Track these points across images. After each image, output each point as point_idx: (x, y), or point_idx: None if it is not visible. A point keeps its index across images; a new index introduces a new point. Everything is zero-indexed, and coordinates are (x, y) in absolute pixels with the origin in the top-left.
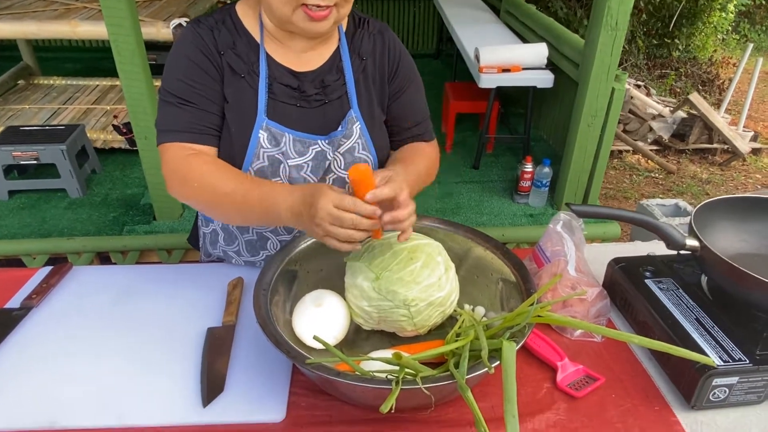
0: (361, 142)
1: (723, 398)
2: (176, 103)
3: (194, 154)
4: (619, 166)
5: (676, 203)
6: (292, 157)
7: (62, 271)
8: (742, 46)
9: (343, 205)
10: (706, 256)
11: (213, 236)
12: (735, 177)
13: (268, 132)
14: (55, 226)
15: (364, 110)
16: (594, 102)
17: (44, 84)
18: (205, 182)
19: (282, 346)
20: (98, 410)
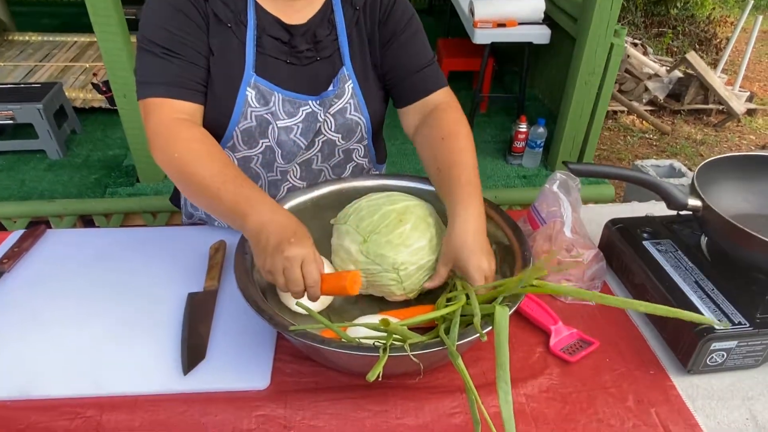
0: (353, 103)
1: (720, 362)
2: (159, 53)
3: (184, 121)
4: (614, 127)
5: (671, 164)
6: (282, 118)
7: (36, 234)
8: (740, 4)
9: (307, 272)
10: (707, 216)
11: None
12: (729, 138)
13: (257, 90)
14: (34, 189)
15: (357, 68)
16: (592, 58)
17: (19, 40)
18: (186, 157)
19: (264, 312)
20: (73, 378)
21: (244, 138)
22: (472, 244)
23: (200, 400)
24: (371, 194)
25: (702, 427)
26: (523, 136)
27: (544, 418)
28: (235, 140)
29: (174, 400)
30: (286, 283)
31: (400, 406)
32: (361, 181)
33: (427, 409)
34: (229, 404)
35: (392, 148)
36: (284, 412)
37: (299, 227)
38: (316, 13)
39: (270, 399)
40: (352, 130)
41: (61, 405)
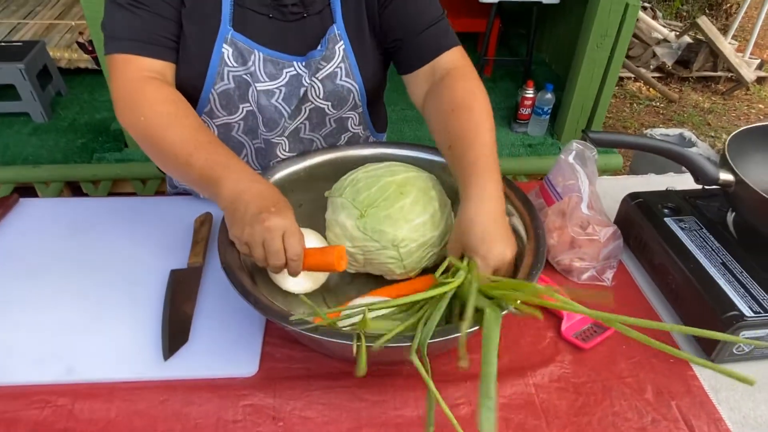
0: (344, 67)
1: (748, 351)
2: (125, 4)
3: (153, 79)
4: (620, 94)
5: (681, 133)
6: (262, 80)
7: (7, 203)
8: None
9: (288, 245)
10: (740, 191)
11: None
12: (737, 107)
13: (234, 47)
14: (19, 153)
15: (350, 27)
16: (605, 19)
17: None
18: (154, 121)
19: (250, 295)
20: (44, 364)
21: (222, 102)
22: (483, 231)
23: (182, 387)
24: (369, 164)
25: (726, 421)
26: (529, 102)
27: (555, 410)
28: (213, 105)
29: (154, 388)
30: (265, 256)
31: (398, 396)
32: (359, 149)
33: None
34: (213, 392)
35: (392, 115)
36: (273, 401)
37: (280, 197)
38: None
39: (258, 387)
40: (343, 98)
41: (30, 392)
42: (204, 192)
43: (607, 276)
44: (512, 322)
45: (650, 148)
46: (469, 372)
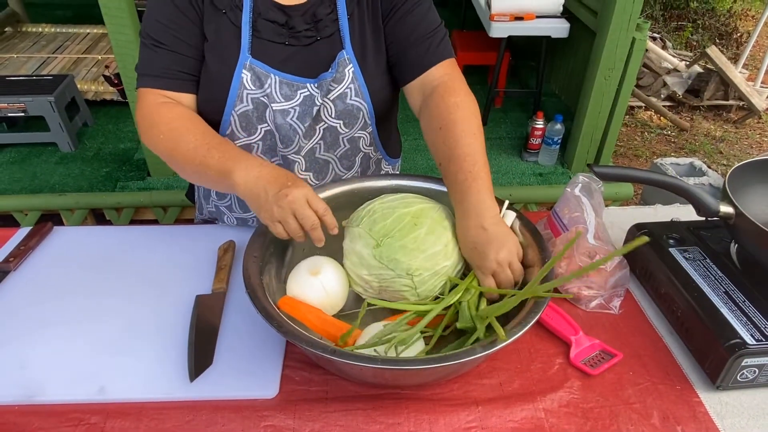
0: (354, 87)
1: (752, 378)
2: (151, 45)
3: (168, 103)
4: (630, 123)
5: (691, 162)
6: (278, 100)
7: (42, 231)
8: None
9: (315, 206)
10: (741, 224)
11: (207, 190)
12: (750, 135)
13: (252, 72)
14: (46, 182)
15: (357, 50)
16: (612, 53)
17: (32, 32)
18: (170, 135)
19: (273, 319)
20: (78, 384)
21: (242, 123)
22: (473, 245)
23: (207, 408)
24: (385, 196)
25: None
26: (539, 132)
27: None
28: (233, 126)
29: (180, 408)
30: (299, 223)
31: (413, 419)
32: (375, 181)
33: (442, 423)
34: (236, 413)
35: (406, 144)
36: (293, 423)
37: (290, 173)
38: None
39: (278, 409)
40: (353, 116)
41: (65, 411)
42: (222, 187)
43: (614, 304)
44: (522, 349)
45: (652, 181)
46: (480, 397)
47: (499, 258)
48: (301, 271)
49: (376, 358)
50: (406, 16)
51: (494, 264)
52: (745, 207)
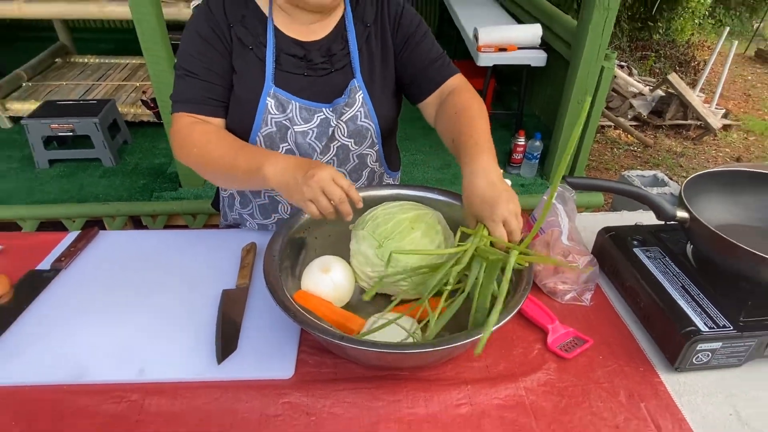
0: (364, 111)
1: (706, 361)
2: (184, 76)
3: (199, 122)
4: (601, 140)
5: (654, 174)
6: (299, 123)
7: (89, 235)
8: (717, 30)
9: (340, 182)
10: (694, 227)
11: (230, 200)
12: (706, 151)
13: (276, 99)
14: (91, 192)
15: (366, 78)
16: (584, 80)
17: (79, 62)
18: (202, 147)
19: (290, 310)
20: (121, 365)
21: (266, 143)
22: (483, 197)
23: (232, 387)
24: (386, 203)
25: (688, 422)
26: (521, 148)
27: (543, 411)
28: (259, 145)
29: (209, 387)
30: (329, 199)
31: (411, 397)
32: (377, 191)
33: (436, 400)
34: (257, 391)
35: (404, 159)
36: (307, 399)
37: (314, 160)
38: (332, 30)
39: (294, 388)
40: (363, 135)
41: (109, 389)
42: (254, 183)
43: (586, 297)
44: (506, 336)
45: (618, 190)
46: (469, 378)
47: (509, 207)
48: (313, 269)
49: (379, 344)
50: (418, 46)
51: (506, 212)
52: (698, 213)
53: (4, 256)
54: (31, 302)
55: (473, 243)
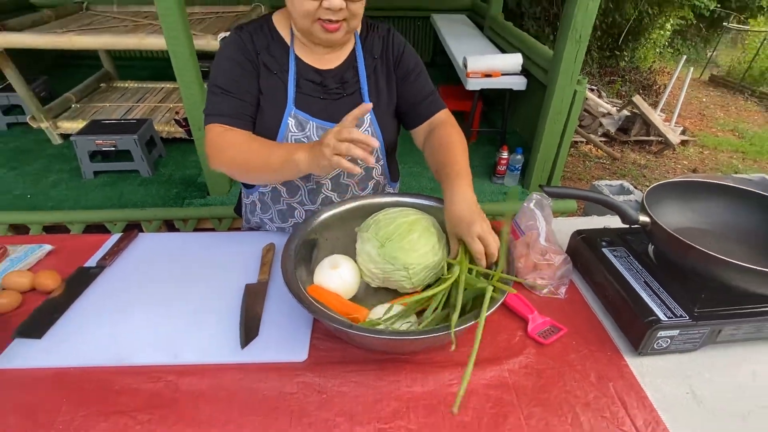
0: (371, 130)
1: (665, 347)
2: (219, 93)
3: (229, 129)
4: (575, 154)
5: (621, 184)
6: (315, 140)
7: (130, 237)
8: (675, 58)
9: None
10: (654, 230)
11: (252, 206)
12: (667, 163)
13: (296, 119)
14: (130, 199)
15: (373, 101)
16: (559, 102)
17: (121, 87)
18: (238, 146)
19: (303, 301)
20: (157, 350)
21: None
22: (460, 218)
23: (254, 369)
24: (387, 209)
25: (650, 399)
26: (504, 161)
27: (524, 389)
28: None
29: (234, 369)
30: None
31: (409, 377)
32: (379, 198)
33: (431, 380)
34: (275, 373)
35: (403, 171)
36: (319, 380)
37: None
38: (344, 60)
39: (308, 369)
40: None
41: (147, 371)
42: (288, 170)
43: (561, 291)
44: (491, 325)
45: (589, 198)
46: (460, 361)
47: (483, 226)
48: (324, 266)
49: (381, 331)
50: (415, 81)
51: (480, 230)
52: (658, 217)
53: (56, 255)
54: (79, 295)
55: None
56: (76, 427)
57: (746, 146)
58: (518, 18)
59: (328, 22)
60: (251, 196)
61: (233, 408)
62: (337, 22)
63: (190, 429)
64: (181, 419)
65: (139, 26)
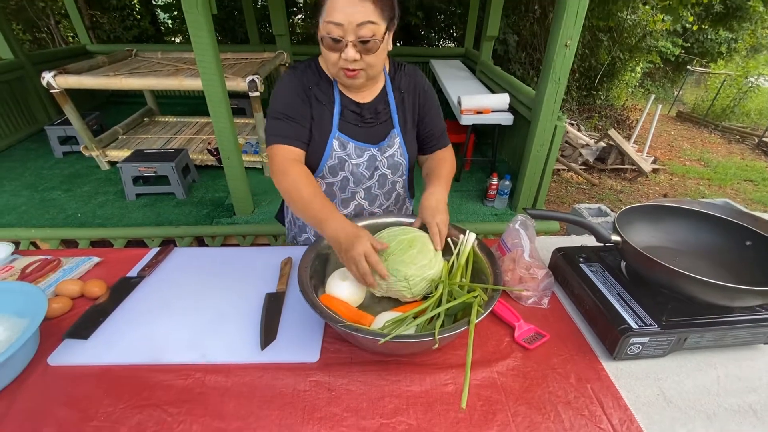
0: (399, 151)
1: (637, 352)
2: (282, 118)
3: (292, 161)
4: (558, 180)
5: (599, 207)
6: (354, 158)
7: (166, 251)
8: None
9: (369, 259)
10: (625, 247)
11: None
12: (640, 189)
13: (339, 141)
14: (166, 218)
15: (401, 128)
16: (542, 135)
17: (162, 121)
18: (295, 184)
19: (317, 308)
20: (188, 350)
21: (330, 171)
22: (431, 209)
23: (272, 368)
24: (391, 227)
25: (625, 400)
26: (494, 187)
27: (511, 389)
28: (325, 172)
29: (254, 368)
30: (360, 273)
31: (408, 377)
32: (384, 218)
33: (428, 380)
34: (291, 372)
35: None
36: (329, 378)
37: (358, 231)
38: (377, 96)
39: (319, 369)
40: (397, 168)
41: (178, 369)
42: (315, 226)
43: (544, 301)
44: (482, 331)
45: (567, 219)
46: (454, 363)
47: (443, 218)
48: (335, 278)
49: (384, 335)
50: (432, 119)
51: (440, 220)
52: (628, 237)
53: (103, 266)
54: (121, 302)
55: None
56: (116, 417)
57: (711, 174)
58: (506, 62)
59: (348, 70)
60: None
61: (253, 402)
62: (355, 70)
63: (215, 421)
64: (207, 412)
65: (179, 70)
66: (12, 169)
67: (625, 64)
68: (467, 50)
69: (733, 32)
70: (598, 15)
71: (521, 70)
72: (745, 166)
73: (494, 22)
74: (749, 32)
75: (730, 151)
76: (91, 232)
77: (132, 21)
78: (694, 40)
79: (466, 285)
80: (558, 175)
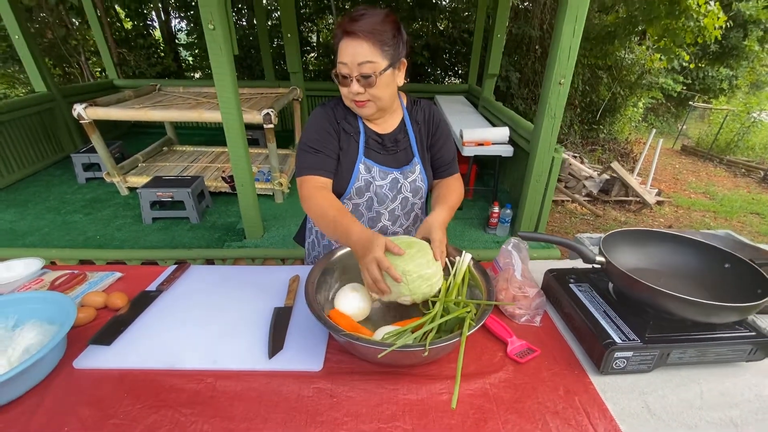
0: (420, 177)
1: (623, 366)
2: (310, 151)
3: (320, 188)
4: (562, 211)
5: (600, 236)
6: (378, 180)
7: (183, 268)
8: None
9: (381, 265)
10: (610, 268)
11: (316, 237)
12: (645, 220)
13: (364, 165)
14: (180, 241)
15: (420, 154)
16: (540, 166)
17: (180, 150)
18: (322, 207)
19: (321, 319)
20: (202, 357)
21: (357, 193)
22: (431, 227)
23: (279, 375)
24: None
25: (611, 412)
26: (496, 215)
27: (502, 400)
28: (352, 194)
29: (262, 375)
30: (371, 278)
31: (406, 386)
32: None
33: (424, 390)
34: (296, 379)
35: None
36: (331, 386)
37: (374, 238)
38: (396, 127)
39: (322, 377)
40: (417, 191)
41: (192, 374)
42: (342, 238)
43: (536, 320)
44: (476, 346)
45: (555, 242)
46: (449, 374)
47: (441, 236)
48: (341, 293)
49: (383, 345)
50: (443, 147)
51: (438, 237)
52: (614, 259)
53: (125, 280)
54: (141, 313)
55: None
56: (133, 417)
57: (717, 206)
58: (509, 98)
59: (357, 101)
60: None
61: (260, 407)
62: (362, 101)
63: (225, 422)
64: (217, 414)
65: (200, 103)
66: (37, 194)
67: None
68: (470, 86)
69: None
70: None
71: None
72: (752, 199)
73: (495, 62)
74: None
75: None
76: (108, 254)
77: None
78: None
79: (462, 302)
80: (562, 206)
